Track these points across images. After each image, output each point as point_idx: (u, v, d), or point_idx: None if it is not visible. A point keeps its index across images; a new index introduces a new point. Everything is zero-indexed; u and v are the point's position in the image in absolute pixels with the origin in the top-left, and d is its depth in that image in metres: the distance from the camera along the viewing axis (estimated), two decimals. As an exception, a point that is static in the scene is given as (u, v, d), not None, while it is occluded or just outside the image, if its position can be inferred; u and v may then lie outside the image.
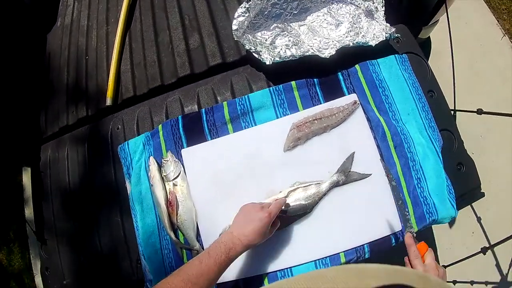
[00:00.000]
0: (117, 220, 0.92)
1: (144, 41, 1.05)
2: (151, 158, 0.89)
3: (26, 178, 1.55)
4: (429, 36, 1.04)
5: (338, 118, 0.84)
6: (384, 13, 0.91)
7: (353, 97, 0.87)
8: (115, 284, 0.90)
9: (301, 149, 0.84)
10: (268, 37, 0.96)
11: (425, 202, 0.81)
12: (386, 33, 0.89)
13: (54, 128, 1.07)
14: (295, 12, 0.98)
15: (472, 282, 1.13)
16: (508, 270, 1.12)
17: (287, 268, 0.79)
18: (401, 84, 0.89)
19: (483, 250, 0.89)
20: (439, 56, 1.22)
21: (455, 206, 0.81)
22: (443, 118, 0.89)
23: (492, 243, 1.13)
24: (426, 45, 1.07)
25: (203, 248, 0.83)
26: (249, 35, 0.95)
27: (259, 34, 0.97)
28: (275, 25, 0.98)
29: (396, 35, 0.89)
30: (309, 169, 0.83)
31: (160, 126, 0.91)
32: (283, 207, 0.76)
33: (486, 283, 1.13)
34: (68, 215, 0.98)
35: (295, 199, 0.80)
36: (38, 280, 1.67)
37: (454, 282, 1.06)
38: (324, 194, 0.81)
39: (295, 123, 0.85)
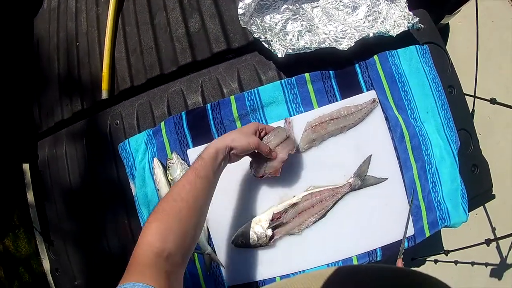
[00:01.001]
0: (124, 221, 0.89)
1: (139, 23, 0.93)
2: (155, 160, 0.83)
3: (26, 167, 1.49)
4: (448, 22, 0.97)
5: (356, 118, 0.79)
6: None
7: (372, 94, 0.81)
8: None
9: (316, 151, 0.79)
10: (278, 21, 0.86)
11: (438, 208, 0.81)
12: (408, 23, 0.81)
13: (49, 123, 1.00)
14: (308, -9, 0.88)
15: (473, 263, 1.18)
16: (508, 252, 1.17)
17: (299, 271, 0.79)
18: (421, 78, 0.84)
19: (487, 242, 0.91)
20: (450, 32, 1.15)
21: (467, 212, 0.81)
22: (462, 117, 0.86)
23: (494, 226, 1.16)
24: (444, 31, 1.00)
25: (215, 252, 0.81)
26: (257, 19, 0.85)
27: (267, 17, 0.87)
28: (286, 6, 0.87)
29: (419, 25, 0.81)
30: (324, 172, 0.79)
31: (162, 124, 0.84)
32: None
33: (486, 264, 1.19)
34: (73, 215, 0.95)
35: (310, 204, 0.78)
36: (46, 264, 1.67)
37: (456, 262, 1.09)
38: (339, 200, 0.78)
39: (310, 123, 0.79)
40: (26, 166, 1.56)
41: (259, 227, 0.78)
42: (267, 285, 0.32)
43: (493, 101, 0.92)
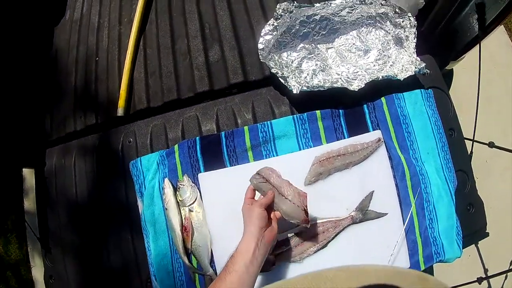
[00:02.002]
0: (128, 238, 0.90)
1: (160, 47, 0.98)
2: (166, 180, 0.86)
3: (29, 174, 1.50)
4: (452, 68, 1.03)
5: (361, 156, 0.84)
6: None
7: (377, 134, 0.86)
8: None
9: (322, 184, 0.84)
10: (295, 59, 0.92)
11: (434, 243, 0.85)
12: (415, 68, 0.87)
13: (60, 132, 1.02)
14: (324, 32, 0.94)
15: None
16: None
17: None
18: (425, 121, 0.89)
19: (479, 280, 0.94)
20: (454, 76, 1.21)
21: (461, 248, 0.85)
22: (460, 158, 0.91)
23: (487, 265, 1.19)
24: (448, 75, 1.06)
25: (216, 274, 0.83)
26: (275, 55, 0.90)
27: (285, 54, 0.92)
28: (302, 45, 0.93)
29: (426, 70, 0.87)
30: (328, 205, 0.83)
31: (176, 146, 0.88)
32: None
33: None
34: (75, 226, 0.96)
35: (313, 234, 0.81)
36: (35, 272, 1.66)
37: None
38: (340, 231, 0.82)
39: (318, 157, 0.84)
40: (26, 172, 1.56)
41: (263, 253, 0.81)
42: (267, 285, 0.33)
43: (491, 144, 0.97)
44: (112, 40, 1.03)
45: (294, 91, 0.84)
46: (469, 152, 0.93)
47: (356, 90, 0.84)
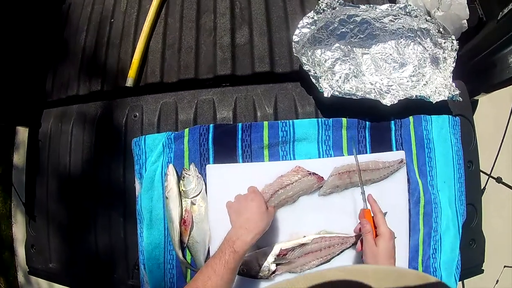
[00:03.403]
0: (120, 219, 0.84)
1: (183, 19, 0.88)
2: (171, 166, 0.79)
3: (22, 128, 1.37)
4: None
5: (381, 175, 0.80)
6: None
7: (400, 154, 0.82)
8: (107, 283, 0.84)
9: (336, 197, 0.79)
10: (328, 59, 0.85)
11: (434, 274, 0.84)
12: (449, 94, 0.83)
13: (61, 94, 0.92)
14: (362, 36, 0.88)
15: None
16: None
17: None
18: (447, 149, 0.86)
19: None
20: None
21: (457, 282, 0.84)
22: (473, 193, 0.89)
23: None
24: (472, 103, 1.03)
25: (210, 273, 0.78)
26: (308, 51, 0.84)
27: (318, 51, 0.86)
28: (338, 45, 0.87)
29: (459, 98, 0.83)
30: (339, 219, 0.79)
31: (186, 131, 0.80)
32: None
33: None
34: (64, 199, 0.89)
35: (318, 247, 0.77)
36: (16, 229, 1.57)
37: None
38: (347, 248, 0.78)
39: (338, 169, 0.79)
40: (22, 130, 1.43)
41: (264, 259, 0.76)
42: (268, 285, 0.32)
43: (499, 180, 0.96)
44: (131, 3, 0.92)
45: (325, 94, 0.78)
46: (482, 187, 0.91)
47: (388, 105, 0.79)
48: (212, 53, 0.86)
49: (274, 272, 0.77)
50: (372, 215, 0.69)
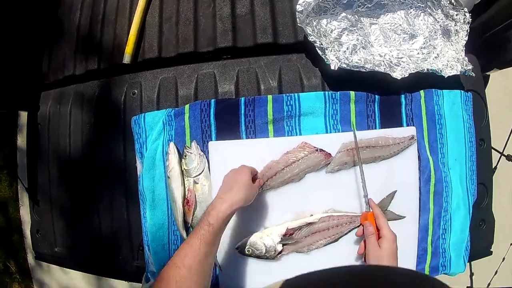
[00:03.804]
0: (122, 200, 0.81)
1: (181, -10, 0.83)
2: (172, 144, 0.75)
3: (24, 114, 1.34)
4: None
5: (392, 151, 0.76)
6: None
7: (411, 130, 0.78)
8: (112, 265, 0.82)
9: (344, 174, 0.76)
10: (335, 29, 0.80)
11: (443, 254, 0.82)
12: (462, 68, 0.79)
13: (58, 75, 0.88)
14: (369, 5, 0.83)
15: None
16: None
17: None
18: (459, 125, 0.83)
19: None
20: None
21: (466, 264, 0.82)
22: (484, 172, 0.86)
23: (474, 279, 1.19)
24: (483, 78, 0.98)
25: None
26: (313, 21, 0.79)
27: (324, 21, 0.81)
28: (344, 14, 0.82)
29: (472, 73, 0.79)
30: (347, 197, 0.76)
31: (187, 107, 0.76)
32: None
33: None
34: (66, 182, 0.86)
35: (326, 226, 0.75)
36: (23, 211, 1.56)
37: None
38: (355, 227, 0.76)
39: (346, 145, 0.75)
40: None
41: (269, 239, 0.74)
42: (268, 285, 0.30)
43: (509, 157, 0.94)
44: (126, -24, 0.87)
45: (332, 67, 0.74)
46: (493, 166, 0.88)
47: (398, 78, 0.75)
48: (211, 25, 0.82)
49: (280, 252, 0.74)
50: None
